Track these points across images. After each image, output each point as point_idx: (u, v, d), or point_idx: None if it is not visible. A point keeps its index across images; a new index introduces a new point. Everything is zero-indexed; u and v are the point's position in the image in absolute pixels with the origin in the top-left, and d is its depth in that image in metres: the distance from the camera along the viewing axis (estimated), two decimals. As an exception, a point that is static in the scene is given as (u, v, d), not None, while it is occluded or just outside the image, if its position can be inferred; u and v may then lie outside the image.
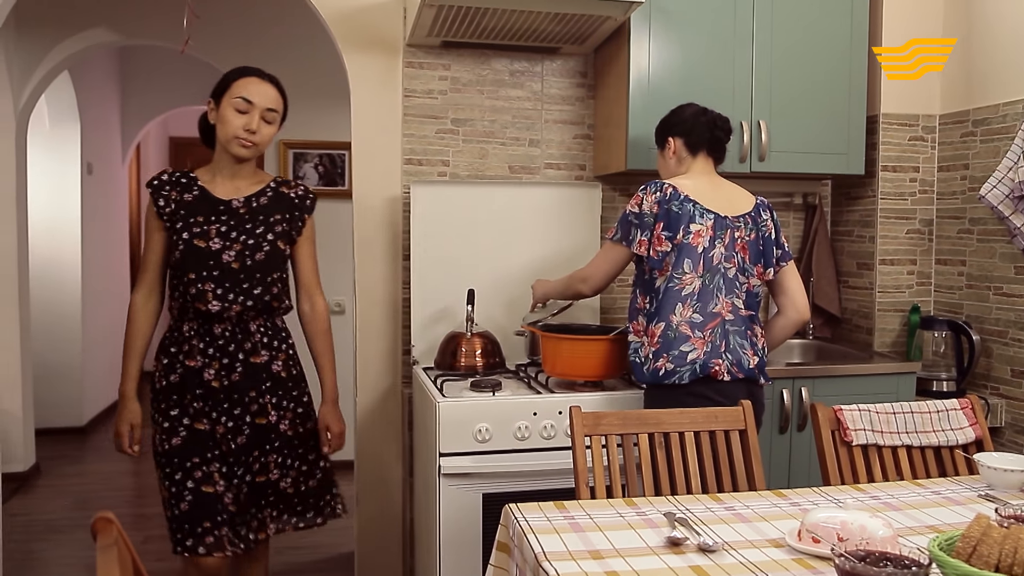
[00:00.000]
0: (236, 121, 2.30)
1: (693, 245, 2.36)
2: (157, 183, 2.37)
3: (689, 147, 2.51)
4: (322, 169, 5.07)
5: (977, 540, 1.26)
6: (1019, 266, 2.93)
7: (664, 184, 2.41)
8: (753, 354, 2.41)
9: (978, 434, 2.21)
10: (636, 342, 2.44)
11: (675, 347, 2.33)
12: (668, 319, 2.35)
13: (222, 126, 2.31)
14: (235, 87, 2.31)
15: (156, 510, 4.33)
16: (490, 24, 2.80)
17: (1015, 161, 2.83)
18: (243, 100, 2.30)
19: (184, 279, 2.29)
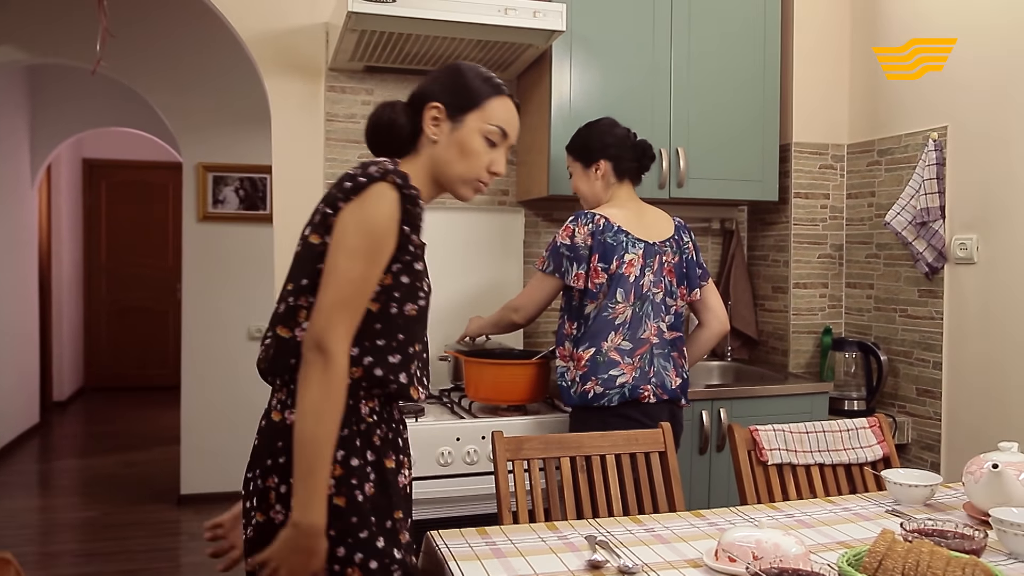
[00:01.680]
0: (484, 156, 1.63)
1: (626, 275, 2.40)
2: (416, 192, 1.53)
3: (617, 172, 2.55)
4: (243, 193, 4.99)
5: (883, 555, 1.31)
6: (922, 289, 3.06)
7: (595, 215, 2.44)
8: (676, 375, 2.46)
9: (886, 451, 2.28)
10: (563, 367, 2.46)
11: (603, 371, 2.37)
12: (599, 345, 2.38)
13: (462, 155, 1.61)
14: (493, 108, 1.63)
15: (64, 547, 4.18)
16: (413, 50, 2.82)
17: (916, 189, 2.97)
18: (500, 131, 1.64)
19: (409, 341, 1.57)
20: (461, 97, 1.62)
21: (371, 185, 1.45)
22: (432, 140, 1.62)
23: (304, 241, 1.54)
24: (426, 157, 1.63)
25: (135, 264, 8.36)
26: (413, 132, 1.63)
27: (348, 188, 1.46)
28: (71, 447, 6.39)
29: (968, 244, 2.86)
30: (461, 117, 1.61)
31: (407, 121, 1.63)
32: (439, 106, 1.61)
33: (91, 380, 8.34)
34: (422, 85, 1.66)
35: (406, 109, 1.64)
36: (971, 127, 2.86)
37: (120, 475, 5.46)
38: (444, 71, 1.67)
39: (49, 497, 5.09)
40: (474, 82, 1.64)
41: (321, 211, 1.51)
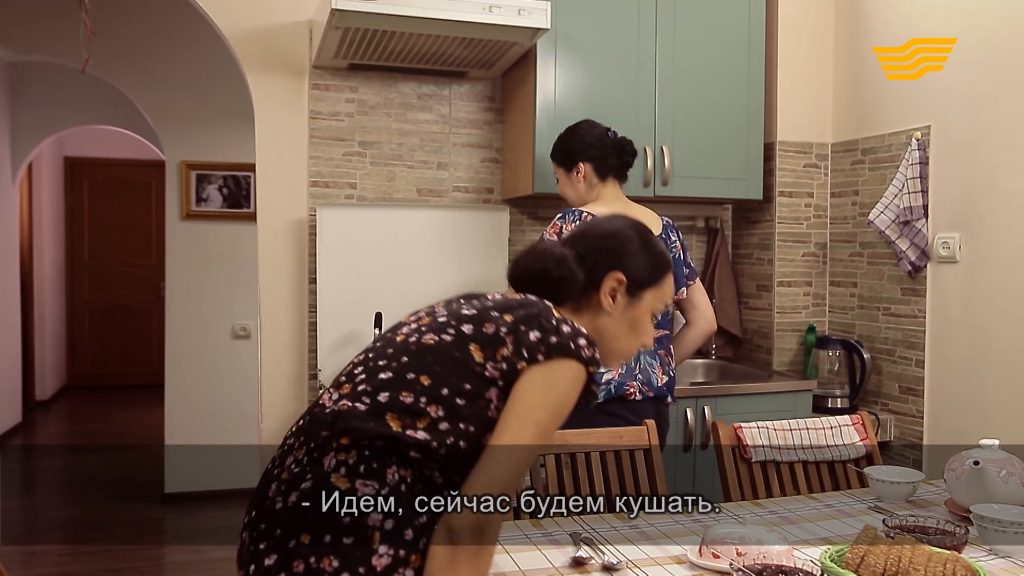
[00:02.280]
0: (648, 333, 1.56)
1: None
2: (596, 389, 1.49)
3: (599, 172, 2.57)
4: (226, 191, 4.97)
5: (865, 551, 1.32)
6: (905, 288, 3.08)
7: (582, 212, 2.44)
8: (663, 373, 2.47)
9: (868, 448, 2.30)
10: None
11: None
12: None
13: (631, 332, 1.53)
14: (667, 285, 1.57)
15: (47, 546, 4.15)
16: (397, 47, 2.81)
17: (900, 188, 2.98)
18: (665, 306, 1.61)
19: None
20: (644, 271, 1.51)
21: (573, 361, 1.32)
22: (606, 311, 1.49)
23: (459, 337, 1.34)
24: (590, 321, 1.48)
25: (118, 263, 8.30)
26: (583, 291, 1.49)
27: (553, 344, 1.31)
28: (54, 446, 6.34)
29: (951, 243, 2.88)
30: (640, 293, 1.51)
31: (583, 281, 1.48)
32: (622, 278, 1.49)
33: (74, 379, 8.28)
34: (598, 244, 1.51)
35: (582, 264, 1.48)
36: (954, 127, 2.88)
37: (104, 474, 5.43)
38: (626, 236, 1.53)
39: (32, 496, 5.05)
40: (658, 256, 1.55)
41: (500, 334, 1.32)
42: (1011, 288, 2.70)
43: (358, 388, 1.34)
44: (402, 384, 1.31)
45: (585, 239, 1.53)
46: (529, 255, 1.52)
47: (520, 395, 1.29)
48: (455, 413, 1.29)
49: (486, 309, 1.38)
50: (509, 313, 1.35)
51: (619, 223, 1.56)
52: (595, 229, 1.56)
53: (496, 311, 1.36)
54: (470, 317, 1.37)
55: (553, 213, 3.29)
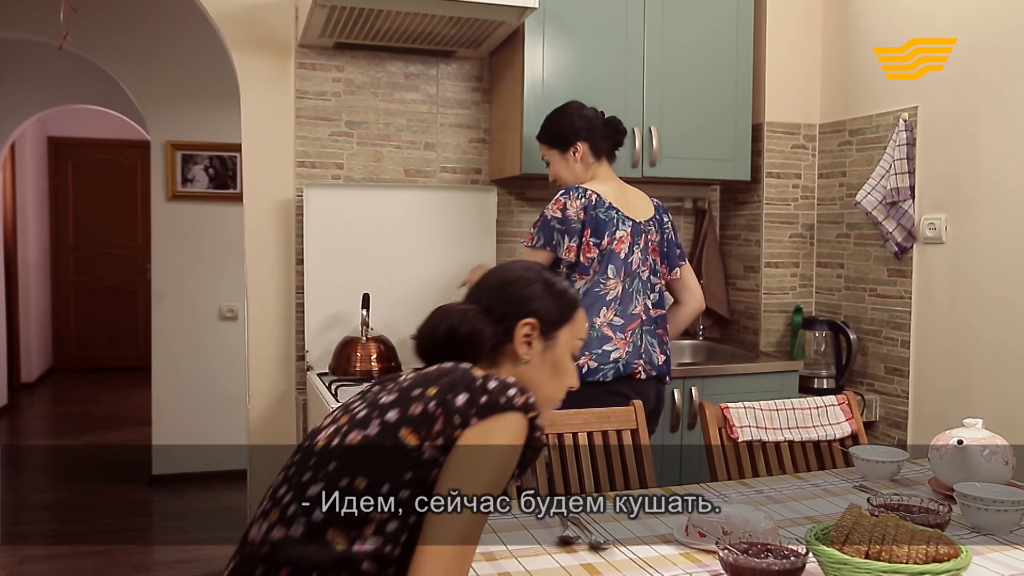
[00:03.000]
0: (572, 374, 1.49)
1: (617, 251, 2.44)
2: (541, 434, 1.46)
3: (594, 152, 2.56)
4: (212, 172, 4.93)
5: (849, 529, 1.33)
6: (891, 269, 3.09)
7: (587, 190, 2.45)
8: (661, 352, 2.51)
9: (854, 428, 2.31)
10: None
11: (597, 346, 2.39)
12: (591, 320, 2.39)
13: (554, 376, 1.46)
14: (580, 320, 1.50)
15: (34, 528, 4.14)
16: (384, 26, 2.78)
17: (887, 169, 2.99)
18: (582, 342, 1.54)
19: None
20: (554, 311, 1.44)
21: (508, 414, 1.24)
22: (524, 360, 1.41)
23: (385, 427, 1.25)
24: (510, 374, 1.38)
25: (103, 244, 8.24)
26: (496, 344, 1.41)
27: (484, 404, 1.23)
28: (41, 428, 6.32)
29: (937, 224, 2.89)
30: (555, 334, 1.44)
31: (493, 333, 1.40)
32: (534, 323, 1.41)
33: (60, 361, 8.24)
34: (501, 293, 1.44)
35: (488, 316, 1.41)
36: (941, 108, 2.89)
37: (91, 456, 5.41)
38: (527, 279, 1.45)
39: (19, 478, 5.03)
40: (564, 294, 1.47)
41: (429, 409, 1.24)
42: (996, 269, 2.71)
43: (288, 511, 1.22)
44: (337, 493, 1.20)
45: (486, 291, 1.46)
46: (431, 319, 1.45)
47: (457, 462, 1.20)
48: (401, 508, 1.19)
49: (407, 390, 1.29)
50: (431, 386, 1.27)
51: (517, 268, 1.49)
52: (494, 279, 1.48)
53: (418, 388, 1.28)
54: (392, 403, 1.27)
55: (541, 194, 3.30)
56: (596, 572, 1.43)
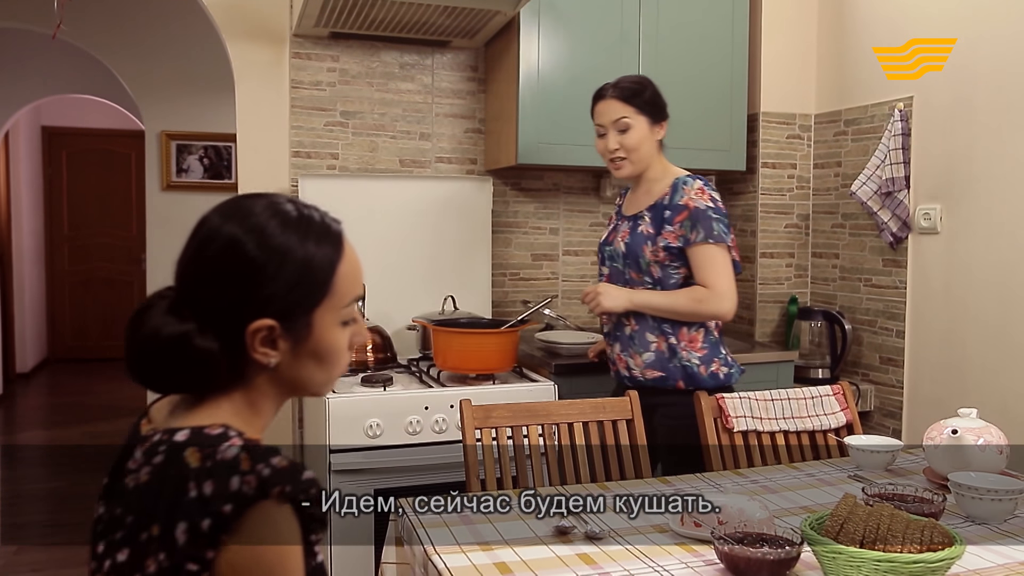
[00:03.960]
0: (346, 351, 1.10)
1: None
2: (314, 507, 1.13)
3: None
4: (207, 162, 4.92)
5: (844, 518, 1.33)
6: (887, 259, 3.10)
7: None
8: None
9: (849, 418, 2.32)
10: (673, 344, 2.25)
11: (721, 351, 2.29)
12: (707, 324, 2.28)
13: (321, 363, 1.10)
14: (342, 280, 1.07)
15: (30, 518, 4.14)
16: (379, 15, 2.77)
17: (882, 160, 2.99)
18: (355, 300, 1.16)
19: None
20: (295, 295, 1.02)
21: (246, 515, 0.91)
22: (271, 365, 1.03)
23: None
24: (268, 385, 1.06)
25: (98, 234, 8.21)
26: (230, 362, 1.02)
27: (209, 531, 0.90)
28: (36, 419, 6.31)
29: (932, 214, 2.90)
30: (307, 320, 1.04)
31: (219, 347, 1.00)
32: (265, 324, 1.00)
33: (55, 352, 8.22)
34: (209, 292, 1.01)
35: (204, 335, 1.00)
36: (936, 98, 2.89)
37: (86, 446, 5.41)
38: (236, 256, 1.00)
39: (14, 469, 5.03)
40: (306, 257, 1.03)
41: (163, 566, 0.91)
42: (991, 259, 2.72)
43: None
44: None
45: (203, 280, 1.02)
46: (140, 336, 1.03)
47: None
48: None
49: (133, 535, 0.94)
50: (153, 523, 0.93)
51: (240, 234, 1.01)
52: (209, 259, 1.02)
53: (143, 531, 0.93)
54: (129, 563, 0.94)
55: (537, 184, 3.30)
56: (592, 562, 1.43)
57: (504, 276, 3.31)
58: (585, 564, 1.42)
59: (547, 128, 2.95)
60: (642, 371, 2.28)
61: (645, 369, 2.27)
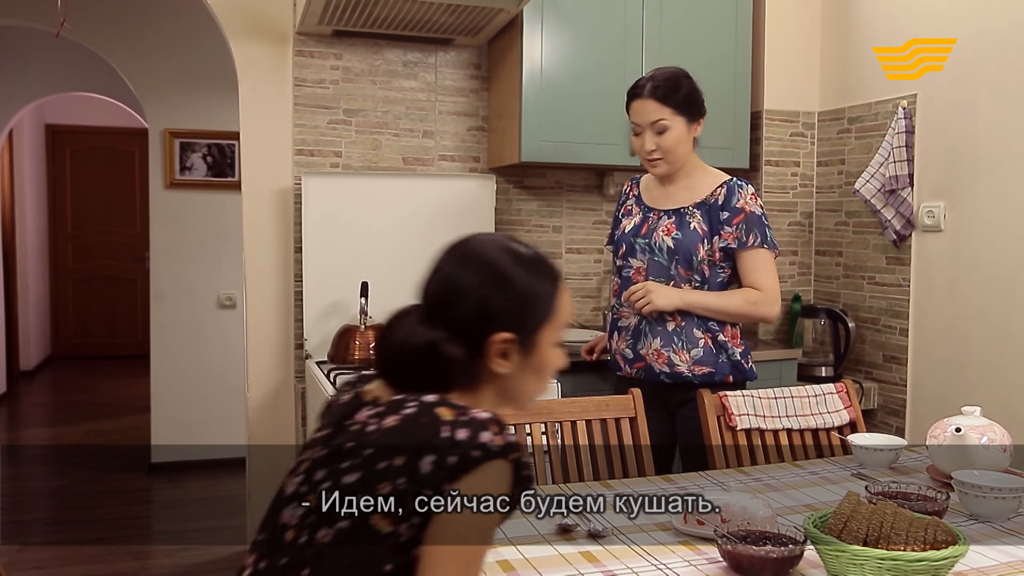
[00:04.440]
0: (556, 362, 1.33)
1: None
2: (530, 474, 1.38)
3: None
4: (211, 160, 4.92)
5: (847, 516, 1.33)
6: (890, 257, 3.09)
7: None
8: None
9: (852, 416, 2.31)
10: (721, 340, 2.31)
11: (748, 347, 2.38)
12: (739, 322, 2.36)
13: (539, 377, 1.35)
14: (563, 307, 1.32)
15: (34, 516, 4.15)
16: (382, 14, 2.77)
17: (886, 157, 2.98)
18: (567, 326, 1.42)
19: None
20: (530, 318, 1.25)
21: (484, 465, 1.10)
22: (503, 374, 1.24)
23: (356, 525, 1.11)
24: (490, 390, 1.26)
25: (102, 232, 8.22)
26: (467, 368, 1.23)
27: (454, 465, 1.08)
28: (39, 416, 6.33)
29: (936, 212, 2.89)
30: (534, 338, 1.25)
31: (462, 357, 1.22)
32: (506, 337, 1.22)
33: (58, 349, 8.24)
34: (462, 307, 1.24)
35: (452, 341, 1.22)
36: (940, 96, 2.88)
37: (90, 444, 5.42)
38: (490, 284, 1.24)
39: (18, 466, 5.04)
40: (539, 290, 1.26)
41: (399, 487, 1.09)
42: (995, 257, 2.71)
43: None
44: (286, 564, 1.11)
45: (454, 296, 1.26)
46: (394, 340, 1.26)
47: (439, 531, 1.08)
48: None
49: (370, 464, 1.12)
50: (397, 454, 1.11)
51: (488, 260, 1.28)
52: (460, 278, 1.28)
53: (383, 460, 1.11)
54: (358, 485, 1.12)
55: (540, 182, 3.30)
56: (595, 560, 1.43)
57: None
58: (588, 562, 1.42)
59: (550, 126, 2.95)
60: (690, 367, 2.27)
61: (693, 365, 2.28)
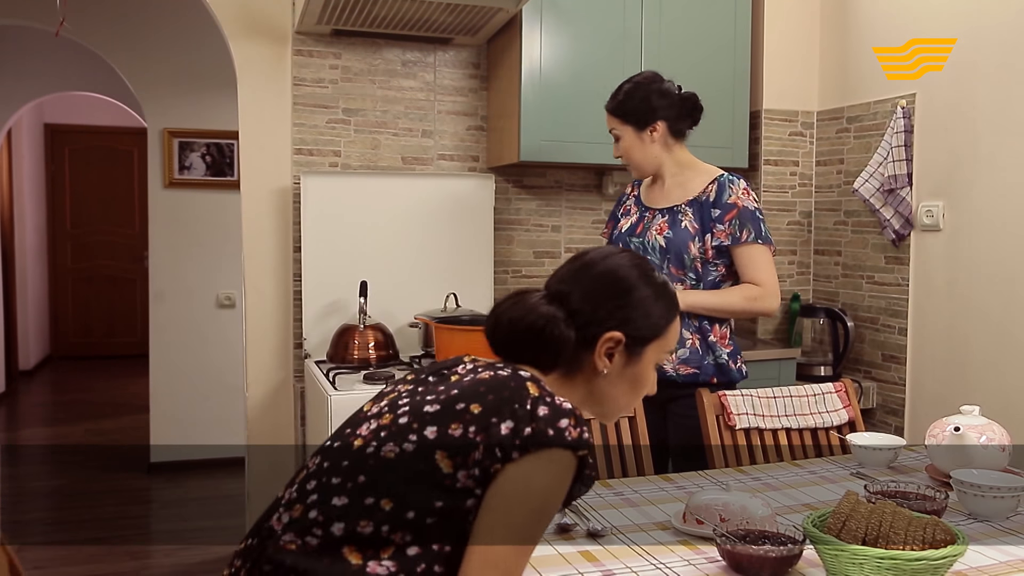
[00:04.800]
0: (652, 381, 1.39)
1: None
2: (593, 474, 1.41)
3: (673, 132, 2.37)
4: (209, 159, 4.92)
5: (847, 516, 1.33)
6: (889, 256, 3.09)
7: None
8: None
9: (851, 416, 2.32)
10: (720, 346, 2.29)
11: (738, 346, 2.36)
12: (729, 321, 2.35)
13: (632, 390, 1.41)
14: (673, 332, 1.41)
15: (33, 516, 4.15)
16: (381, 13, 2.77)
17: (885, 157, 2.99)
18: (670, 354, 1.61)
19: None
20: (646, 327, 1.31)
21: (554, 450, 1.13)
22: (601, 372, 1.30)
23: (422, 445, 1.15)
24: (584, 385, 1.32)
25: (101, 231, 8.22)
26: (574, 355, 1.29)
27: (527, 436, 1.12)
28: (39, 416, 6.32)
29: (934, 211, 2.89)
30: (641, 350, 1.32)
31: (577, 339, 1.28)
32: (620, 338, 1.29)
33: (57, 349, 8.23)
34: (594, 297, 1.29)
35: (573, 321, 1.28)
36: (939, 95, 2.88)
37: (89, 443, 5.42)
38: (625, 286, 1.31)
39: (17, 466, 5.03)
40: (662, 306, 1.33)
41: (469, 434, 1.14)
42: (993, 256, 2.72)
43: (309, 515, 1.14)
44: (360, 511, 1.13)
45: (579, 288, 1.31)
46: (510, 310, 1.31)
47: (493, 503, 1.12)
48: (426, 536, 1.12)
49: (451, 402, 1.18)
50: (477, 403, 1.16)
51: (620, 266, 1.33)
52: (590, 275, 1.33)
53: (463, 402, 1.17)
54: (434, 416, 1.17)
55: (539, 182, 3.30)
56: (594, 559, 1.43)
57: (506, 273, 3.30)
58: (587, 561, 1.42)
59: (549, 125, 2.95)
60: (675, 366, 2.27)
61: (679, 365, 2.27)
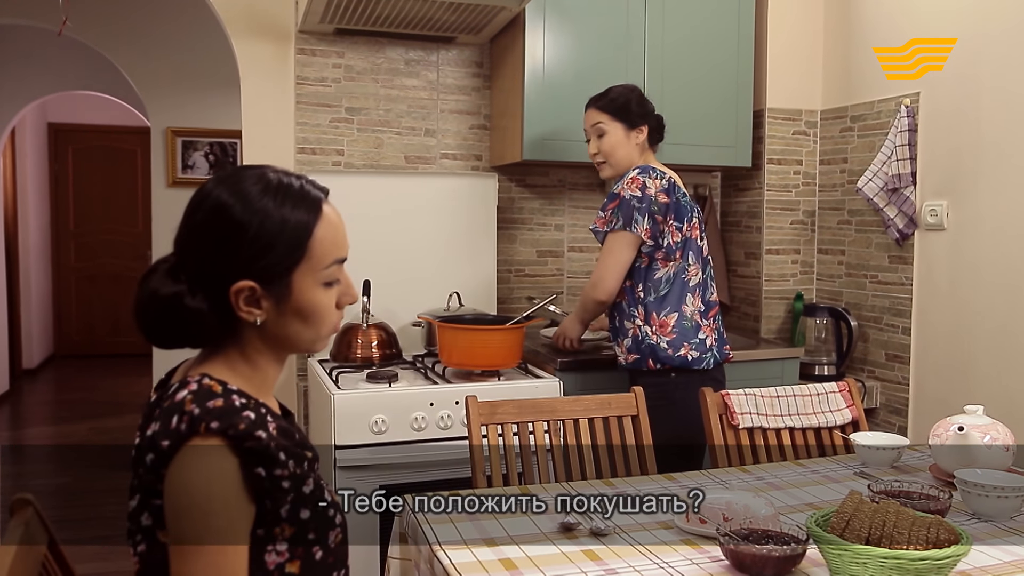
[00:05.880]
0: (332, 308, 1.23)
1: (693, 238, 2.47)
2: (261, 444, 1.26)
3: (650, 140, 2.55)
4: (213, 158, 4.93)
5: (850, 515, 1.33)
6: (893, 255, 3.09)
7: (664, 174, 2.44)
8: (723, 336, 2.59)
9: (854, 415, 2.32)
10: (643, 329, 2.42)
11: (693, 336, 2.42)
12: (681, 309, 2.42)
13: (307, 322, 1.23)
14: (320, 243, 1.19)
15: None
16: (384, 12, 2.77)
17: (888, 156, 2.98)
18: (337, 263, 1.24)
19: None
20: (272, 263, 1.12)
21: (190, 444, 1.05)
22: (258, 323, 1.15)
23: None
24: (258, 339, 1.17)
25: (104, 230, 8.23)
26: (220, 320, 1.14)
27: (155, 459, 1.07)
28: (42, 415, 6.33)
29: (938, 210, 2.89)
30: (286, 282, 1.14)
31: (209, 307, 1.13)
32: (244, 286, 1.12)
33: (61, 348, 8.25)
34: (195, 256, 1.14)
35: (192, 294, 1.13)
36: (943, 94, 2.88)
37: (92, 442, 5.42)
38: (211, 226, 1.13)
39: (21, 464, 5.05)
40: (283, 233, 1.12)
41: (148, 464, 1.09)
42: (997, 256, 2.71)
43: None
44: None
45: (190, 247, 1.15)
46: (141, 300, 1.17)
47: (166, 506, 1.08)
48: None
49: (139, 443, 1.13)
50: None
51: (220, 204, 1.13)
52: (194, 226, 1.15)
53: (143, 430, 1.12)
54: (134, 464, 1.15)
55: (542, 180, 3.30)
56: (597, 558, 1.43)
57: (509, 272, 3.31)
58: (591, 561, 1.42)
59: (552, 124, 2.95)
60: (625, 356, 2.49)
61: (628, 354, 2.47)
